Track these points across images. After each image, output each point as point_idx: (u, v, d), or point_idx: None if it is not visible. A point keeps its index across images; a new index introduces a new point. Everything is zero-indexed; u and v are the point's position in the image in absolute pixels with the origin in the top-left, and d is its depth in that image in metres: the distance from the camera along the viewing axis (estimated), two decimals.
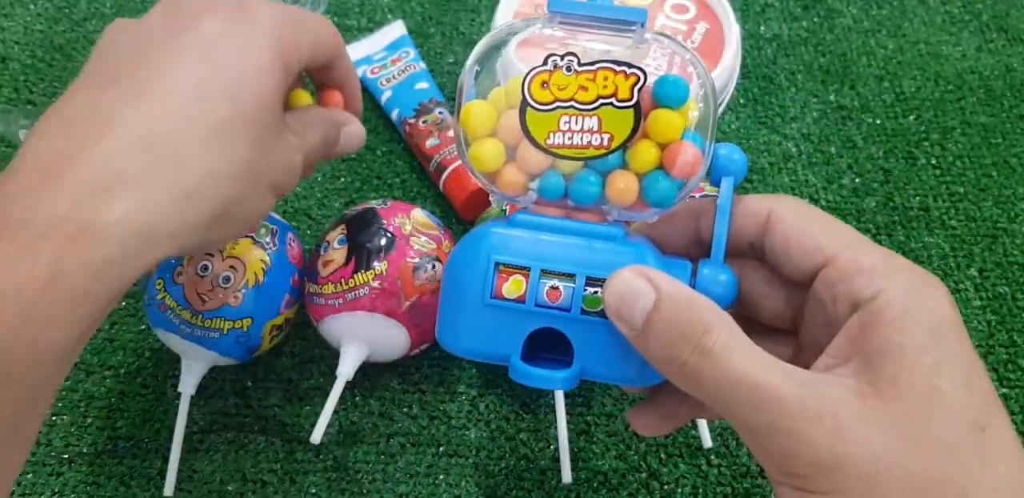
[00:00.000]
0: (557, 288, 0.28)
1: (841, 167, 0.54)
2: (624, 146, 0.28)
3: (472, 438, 0.43)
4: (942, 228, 0.52)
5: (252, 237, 0.41)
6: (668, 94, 0.28)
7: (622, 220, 0.29)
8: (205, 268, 0.39)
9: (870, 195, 0.53)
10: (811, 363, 0.25)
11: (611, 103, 0.28)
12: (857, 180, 0.54)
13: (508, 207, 0.42)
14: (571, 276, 0.28)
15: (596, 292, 0.28)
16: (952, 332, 0.24)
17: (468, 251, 0.29)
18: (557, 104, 0.28)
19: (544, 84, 0.28)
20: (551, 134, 0.28)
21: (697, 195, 0.42)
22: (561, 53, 0.28)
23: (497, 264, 0.28)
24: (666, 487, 0.42)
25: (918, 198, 0.53)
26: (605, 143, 0.28)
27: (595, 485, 0.42)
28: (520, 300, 0.28)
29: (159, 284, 0.40)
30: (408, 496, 0.42)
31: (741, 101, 0.58)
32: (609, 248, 0.28)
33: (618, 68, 0.28)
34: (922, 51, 0.60)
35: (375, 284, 0.40)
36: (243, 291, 0.40)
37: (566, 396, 0.43)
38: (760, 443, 0.23)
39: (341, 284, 0.40)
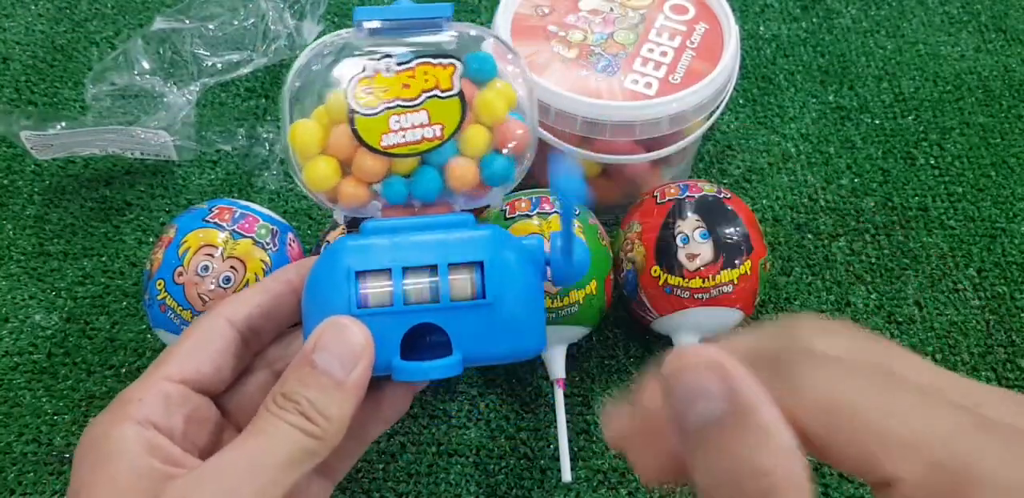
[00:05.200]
0: (422, 283, 0.27)
1: (840, 167, 0.54)
2: (457, 133, 0.29)
3: (472, 437, 0.44)
4: (941, 228, 0.52)
5: (252, 237, 0.41)
6: (477, 69, 0.30)
7: (469, 208, 0.30)
8: (206, 268, 0.40)
9: (869, 195, 0.53)
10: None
11: (435, 95, 0.29)
12: (856, 180, 0.54)
13: (508, 205, 0.42)
14: (433, 267, 0.27)
15: (461, 279, 0.27)
16: None
17: (326, 267, 0.28)
18: (384, 106, 0.29)
19: (367, 90, 0.29)
20: (384, 136, 0.29)
21: (696, 195, 0.43)
22: (377, 57, 0.29)
23: (357, 273, 0.27)
24: (665, 486, 0.42)
25: (917, 198, 0.53)
26: (438, 134, 0.29)
27: (595, 484, 0.42)
28: (388, 304, 0.27)
29: (160, 284, 0.40)
30: (408, 496, 0.42)
31: (740, 101, 0.58)
32: (463, 233, 0.28)
33: (435, 61, 0.29)
34: (921, 51, 0.61)
35: None
36: None
37: (566, 396, 0.44)
38: None
39: None
